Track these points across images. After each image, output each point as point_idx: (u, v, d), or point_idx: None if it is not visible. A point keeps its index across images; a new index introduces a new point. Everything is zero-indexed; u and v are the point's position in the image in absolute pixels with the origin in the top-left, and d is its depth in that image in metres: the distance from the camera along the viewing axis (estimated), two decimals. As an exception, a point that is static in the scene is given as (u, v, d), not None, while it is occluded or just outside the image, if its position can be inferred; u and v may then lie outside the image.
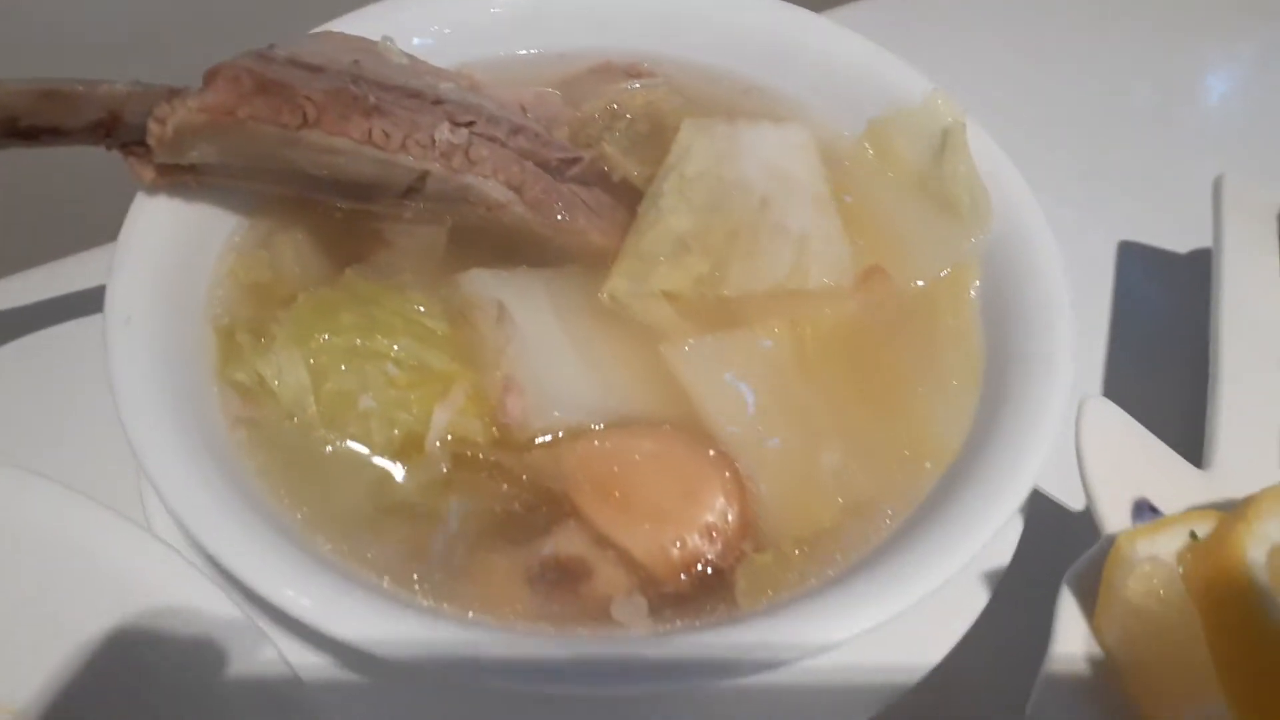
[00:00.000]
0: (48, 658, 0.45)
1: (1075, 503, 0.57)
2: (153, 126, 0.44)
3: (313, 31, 0.52)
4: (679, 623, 0.41)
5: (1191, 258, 0.70)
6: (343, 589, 0.38)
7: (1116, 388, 0.65)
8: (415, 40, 0.55)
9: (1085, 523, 0.49)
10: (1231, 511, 0.42)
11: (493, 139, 0.51)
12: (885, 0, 0.88)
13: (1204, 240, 0.66)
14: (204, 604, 0.45)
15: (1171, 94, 0.86)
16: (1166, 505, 0.46)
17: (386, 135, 0.48)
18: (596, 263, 0.52)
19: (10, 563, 0.46)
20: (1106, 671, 0.42)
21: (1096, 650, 0.42)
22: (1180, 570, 0.41)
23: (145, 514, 0.49)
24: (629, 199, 0.54)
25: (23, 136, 0.44)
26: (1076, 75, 0.85)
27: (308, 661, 0.44)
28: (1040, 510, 0.54)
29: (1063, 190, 0.70)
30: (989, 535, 0.42)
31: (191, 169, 0.47)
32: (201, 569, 0.45)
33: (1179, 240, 0.72)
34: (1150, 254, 0.72)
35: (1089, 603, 0.43)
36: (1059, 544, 0.49)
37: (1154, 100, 0.84)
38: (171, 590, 0.45)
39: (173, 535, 0.48)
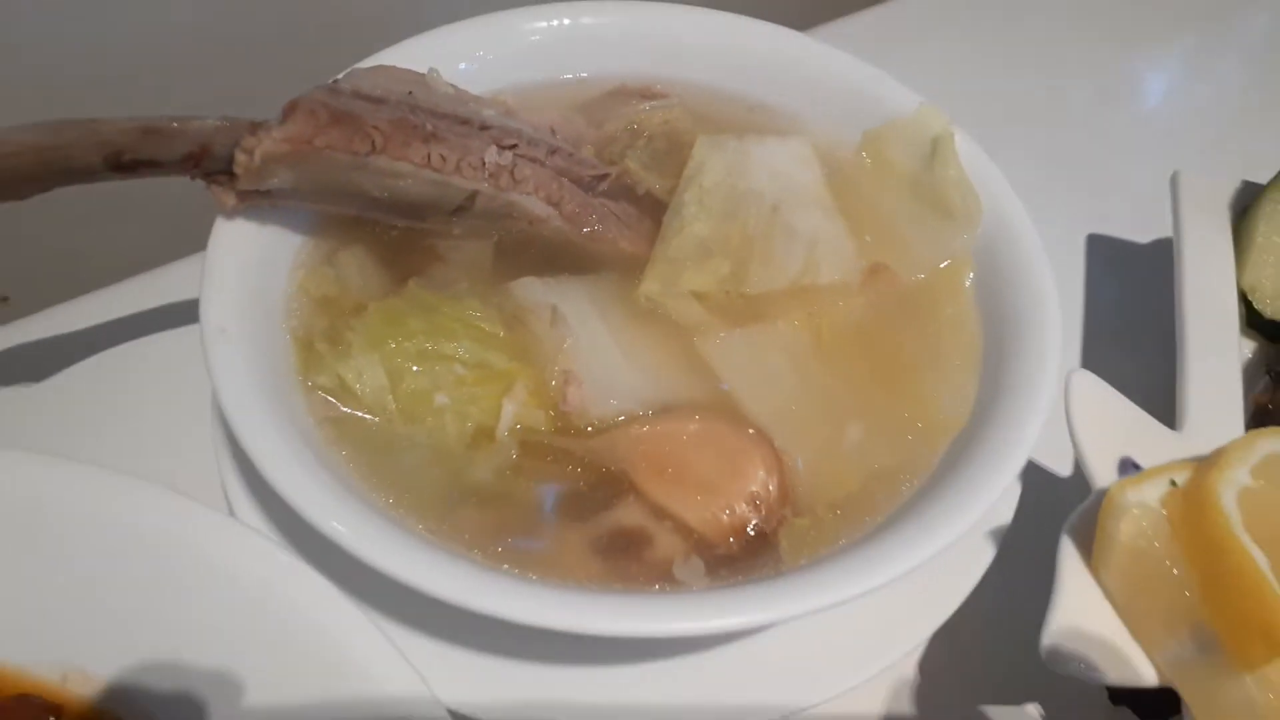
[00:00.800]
0: (148, 640, 0.50)
1: (1063, 470, 0.64)
2: (240, 157, 0.49)
3: (367, 65, 0.56)
4: (733, 579, 0.47)
5: (1151, 246, 0.78)
6: (440, 557, 0.43)
7: (1091, 364, 0.71)
8: (460, 65, 0.61)
9: (1074, 486, 0.56)
10: (1204, 462, 0.48)
11: (534, 159, 0.56)
12: (859, 19, 0.95)
13: (1161, 230, 0.73)
14: (292, 581, 0.50)
15: (1124, 99, 0.93)
16: (1147, 461, 0.52)
17: (443, 159, 0.53)
18: (628, 268, 0.57)
19: (105, 553, 0.50)
20: (1106, 606, 0.48)
21: (1096, 589, 0.48)
22: (1164, 513, 0.47)
23: (228, 502, 0.54)
24: (653, 210, 0.59)
25: (125, 169, 0.49)
26: (1039, 85, 0.92)
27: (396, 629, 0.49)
28: (1033, 476, 0.60)
29: (1032, 189, 0.76)
30: (996, 495, 0.47)
31: (266, 194, 0.52)
32: (286, 549, 0.50)
33: (1140, 231, 0.79)
34: (1114, 244, 0.79)
35: (1086, 549, 0.49)
36: (1052, 504, 0.55)
37: (1109, 105, 0.92)
38: (260, 570, 0.50)
39: (256, 521, 0.53)
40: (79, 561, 0.50)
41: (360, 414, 0.50)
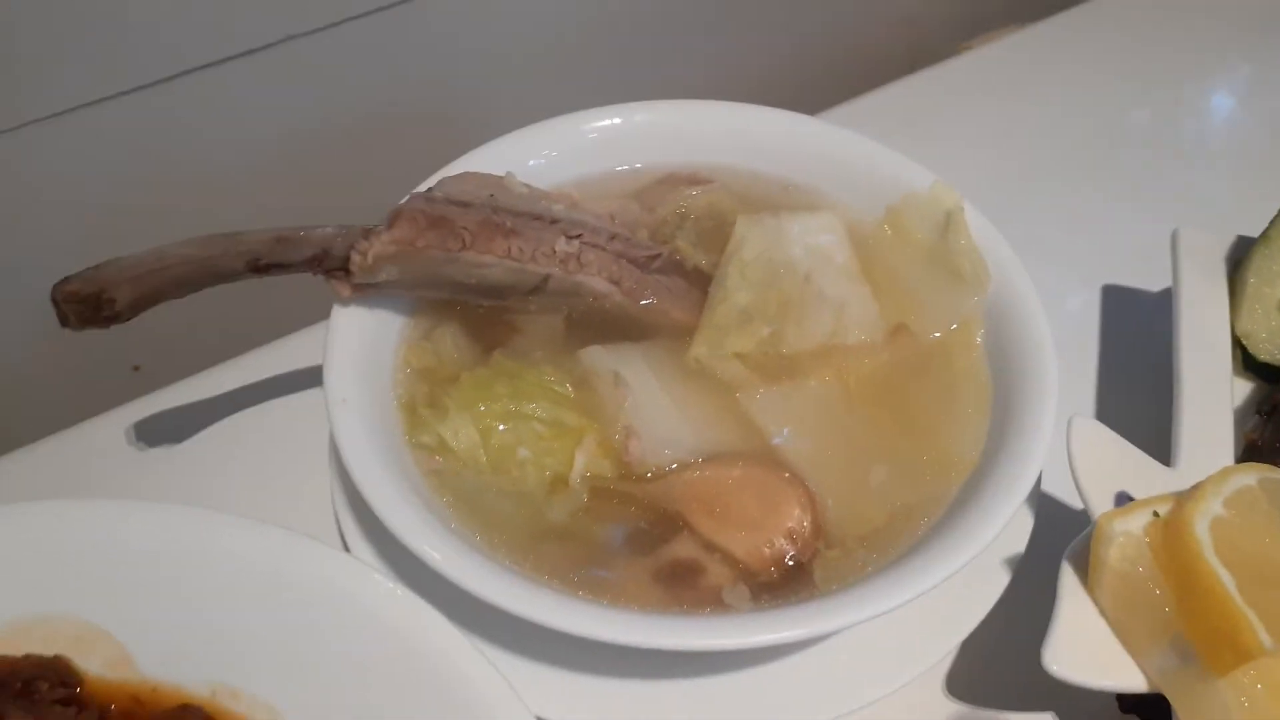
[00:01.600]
0: (278, 658, 0.57)
1: (1076, 503, 0.70)
2: (355, 258, 0.59)
3: (453, 172, 0.66)
4: (774, 603, 0.55)
5: (1162, 295, 0.84)
6: (528, 585, 0.52)
7: (1106, 406, 0.78)
8: (530, 162, 0.70)
9: (1083, 518, 0.62)
10: (1184, 495, 0.55)
11: (596, 245, 0.65)
12: (871, 99, 1.03)
13: (1170, 280, 0.80)
14: (401, 608, 0.57)
15: (1131, 158, 0.99)
16: (1141, 495, 0.59)
17: (521, 250, 0.62)
18: (679, 334, 0.65)
19: (241, 586, 0.57)
20: (1101, 622, 0.55)
21: (1092, 607, 0.55)
22: (1147, 540, 0.54)
23: (344, 542, 0.63)
24: (700, 282, 0.67)
25: (261, 271, 0.59)
26: (1050, 149, 0.99)
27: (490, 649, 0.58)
28: (1049, 510, 0.66)
29: (1050, 247, 0.85)
30: (1002, 525, 0.54)
31: (375, 285, 0.62)
32: (395, 580, 0.58)
33: (1151, 281, 0.85)
34: (1127, 294, 0.86)
35: (1083, 573, 0.56)
36: (1063, 535, 0.61)
37: (1118, 165, 0.98)
38: (373, 599, 0.56)
39: (369, 558, 0.62)
40: (219, 593, 0.57)
41: (458, 467, 0.59)
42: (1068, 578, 0.56)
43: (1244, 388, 0.71)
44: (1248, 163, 0.99)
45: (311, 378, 0.76)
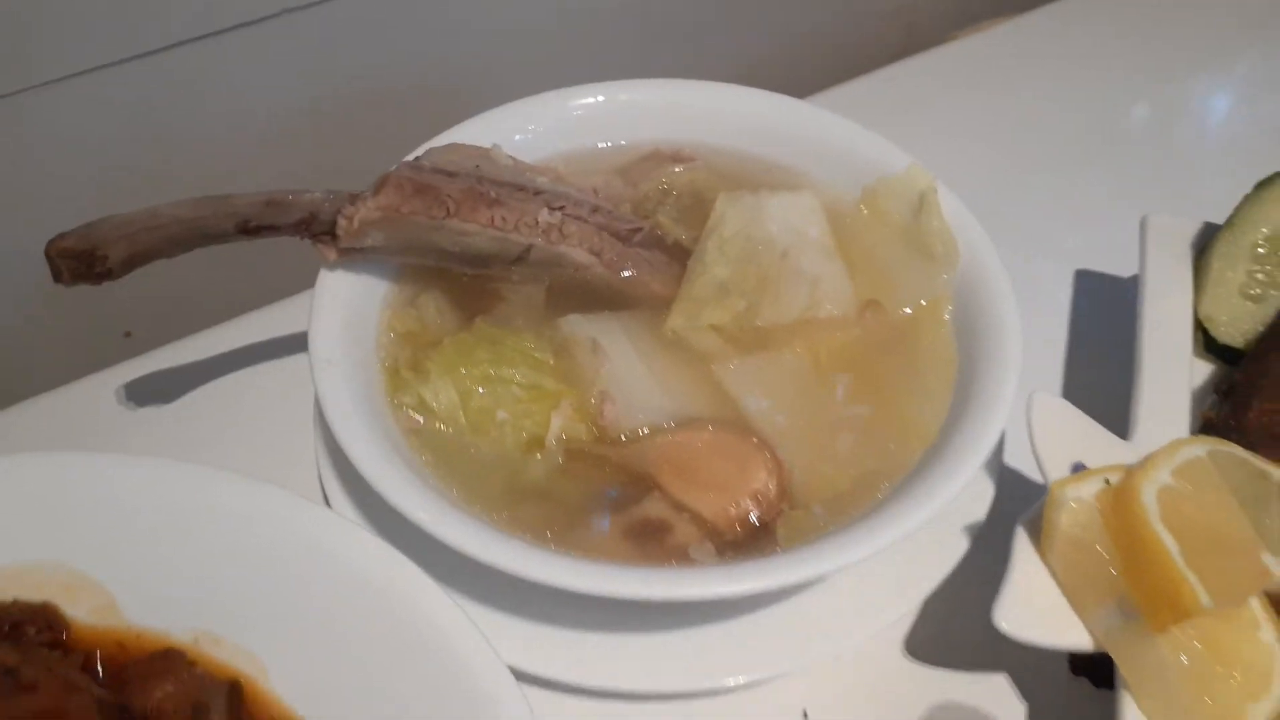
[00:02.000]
0: (260, 608, 0.58)
1: (1037, 477, 0.73)
2: (343, 222, 0.61)
3: (441, 143, 0.68)
4: (737, 559, 0.57)
5: (1132, 280, 0.86)
6: (502, 538, 0.55)
7: (1072, 384, 0.80)
8: (516, 137, 0.72)
9: (1042, 490, 0.64)
10: (1135, 465, 0.58)
11: (578, 217, 0.67)
12: (857, 85, 1.05)
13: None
14: (381, 560, 0.57)
15: (1106, 149, 1.02)
16: (1097, 466, 0.61)
17: (504, 219, 0.64)
18: (658, 306, 0.67)
19: (225, 537, 0.58)
20: (1051, 584, 0.57)
21: (1043, 570, 0.58)
22: (1098, 507, 0.56)
23: (326, 498, 0.65)
24: (680, 256, 0.69)
25: (250, 233, 0.61)
26: (1028, 138, 1.01)
27: (467, 602, 0.60)
28: (1011, 483, 0.69)
29: (1031, 234, 0.87)
30: (957, 489, 0.56)
31: (361, 250, 0.64)
32: (375, 534, 0.59)
33: (1121, 267, 0.87)
34: (1098, 278, 0.88)
35: (1037, 537, 0.59)
36: (1024, 506, 0.63)
37: (1093, 155, 1.01)
38: (353, 552, 0.57)
39: (349, 513, 0.64)
40: (204, 545, 0.59)
41: (437, 427, 0.61)
42: (1021, 541, 0.58)
43: (1205, 369, 0.73)
44: (1229, 153, 1.01)
45: (298, 342, 0.77)
